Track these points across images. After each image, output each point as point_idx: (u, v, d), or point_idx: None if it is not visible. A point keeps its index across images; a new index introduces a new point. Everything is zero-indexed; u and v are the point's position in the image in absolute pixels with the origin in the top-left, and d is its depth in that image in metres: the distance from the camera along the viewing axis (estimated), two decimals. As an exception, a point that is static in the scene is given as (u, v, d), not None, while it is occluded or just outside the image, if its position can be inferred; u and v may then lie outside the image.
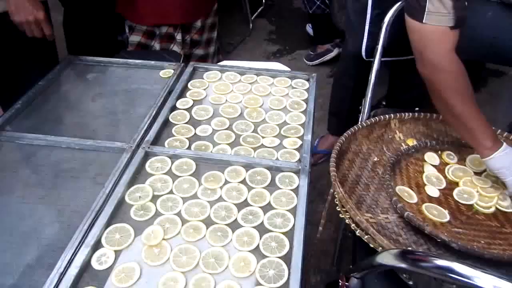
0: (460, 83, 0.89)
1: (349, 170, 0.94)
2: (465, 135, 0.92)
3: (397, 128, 1.06)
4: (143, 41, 1.75)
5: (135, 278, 0.72)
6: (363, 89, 1.76)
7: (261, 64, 1.38)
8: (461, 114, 0.89)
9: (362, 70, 1.66)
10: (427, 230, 0.75)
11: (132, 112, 1.14)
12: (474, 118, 0.88)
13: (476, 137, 0.88)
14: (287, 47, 2.68)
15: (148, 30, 1.69)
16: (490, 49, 1.12)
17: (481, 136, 0.88)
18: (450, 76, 0.89)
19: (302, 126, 1.07)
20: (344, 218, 0.78)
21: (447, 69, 0.89)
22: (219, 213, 0.84)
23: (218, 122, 1.09)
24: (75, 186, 0.91)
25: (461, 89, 0.89)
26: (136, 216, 0.83)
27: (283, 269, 0.73)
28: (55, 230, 0.81)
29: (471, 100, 0.89)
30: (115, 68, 1.33)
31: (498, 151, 0.87)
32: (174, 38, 1.72)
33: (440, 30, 0.88)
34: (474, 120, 0.88)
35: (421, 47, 0.91)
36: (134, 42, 1.76)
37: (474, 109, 0.89)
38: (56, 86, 1.24)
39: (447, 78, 0.89)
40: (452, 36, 0.89)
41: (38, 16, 1.12)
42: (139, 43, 1.74)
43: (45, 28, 1.16)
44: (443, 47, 0.89)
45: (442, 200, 0.92)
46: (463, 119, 0.89)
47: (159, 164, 0.95)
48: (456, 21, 0.88)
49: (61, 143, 1.01)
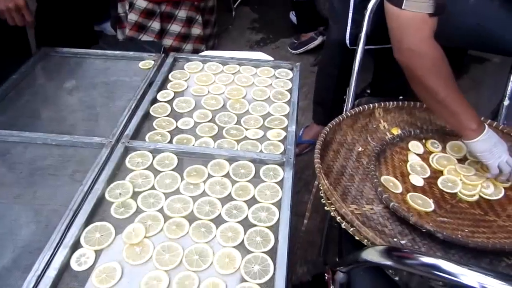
0: (440, 68, 0.88)
1: (334, 161, 0.93)
2: (449, 119, 0.92)
3: (382, 117, 1.05)
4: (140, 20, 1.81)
5: (116, 278, 0.69)
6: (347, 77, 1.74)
7: (244, 54, 1.35)
8: (444, 99, 0.88)
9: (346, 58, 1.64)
10: (412, 221, 0.75)
11: (111, 105, 1.10)
12: (457, 102, 0.88)
13: (460, 121, 0.89)
14: (271, 35, 2.64)
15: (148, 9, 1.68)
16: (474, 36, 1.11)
17: (465, 119, 0.88)
18: (429, 61, 0.88)
19: (286, 117, 1.05)
20: (330, 210, 0.77)
21: (426, 55, 0.88)
22: (203, 208, 0.82)
23: (201, 114, 1.06)
24: (52, 184, 0.87)
25: (442, 73, 0.89)
26: (116, 214, 0.80)
27: (268, 264, 0.72)
28: (32, 230, 0.78)
29: (453, 84, 0.89)
30: (93, 60, 1.28)
31: (482, 134, 0.87)
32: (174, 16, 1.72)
33: (419, 17, 0.88)
34: (457, 104, 0.88)
35: (399, 33, 0.91)
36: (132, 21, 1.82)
37: (456, 93, 0.89)
38: (31, 80, 1.19)
39: (427, 63, 0.88)
40: (431, 23, 0.89)
41: (18, 2, 1.09)
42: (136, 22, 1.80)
43: (26, 15, 1.12)
44: (422, 34, 0.88)
45: (427, 189, 0.92)
46: (446, 103, 0.88)
47: (139, 159, 0.92)
48: (435, 8, 0.87)
49: (37, 139, 0.97)
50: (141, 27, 1.95)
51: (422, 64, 0.88)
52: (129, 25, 1.94)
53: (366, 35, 1.11)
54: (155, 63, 1.24)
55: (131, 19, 1.94)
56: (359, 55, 1.13)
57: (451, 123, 0.93)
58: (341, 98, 1.79)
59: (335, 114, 1.01)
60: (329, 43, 1.72)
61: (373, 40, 1.22)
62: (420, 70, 0.89)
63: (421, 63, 0.89)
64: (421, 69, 0.89)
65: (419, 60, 0.89)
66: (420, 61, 0.89)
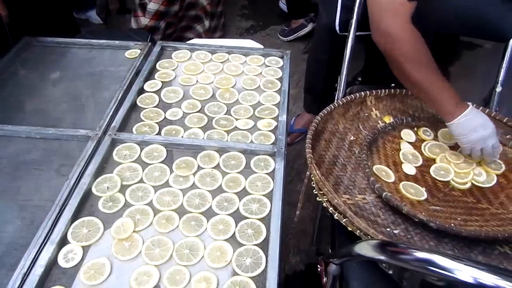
0: (417, 51, 0.89)
1: (325, 150, 0.92)
2: (428, 102, 0.92)
3: (373, 105, 1.04)
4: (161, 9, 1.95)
5: (105, 275, 0.68)
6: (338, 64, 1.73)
7: (233, 42, 1.33)
8: (421, 81, 0.88)
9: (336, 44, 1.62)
10: (404, 210, 0.74)
11: (97, 96, 1.07)
12: (435, 84, 0.88)
13: (438, 103, 0.89)
14: (261, 22, 2.60)
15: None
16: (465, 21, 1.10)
17: (442, 101, 0.88)
18: (406, 45, 0.89)
19: (277, 106, 1.03)
20: (322, 201, 0.76)
21: (403, 39, 0.89)
22: (193, 201, 0.80)
23: (189, 104, 1.04)
24: (37, 179, 0.85)
25: (419, 57, 0.89)
26: (104, 209, 0.78)
27: (260, 256, 0.70)
28: (17, 227, 0.76)
29: (431, 67, 0.89)
30: (77, 50, 1.24)
31: (460, 117, 0.87)
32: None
33: (397, 1, 0.88)
34: (434, 86, 0.88)
35: (378, 17, 0.91)
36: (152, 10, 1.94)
37: (434, 75, 0.88)
38: (13, 71, 1.15)
39: (404, 47, 0.89)
40: (409, 8, 0.89)
41: None
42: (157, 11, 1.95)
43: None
44: (400, 18, 0.89)
45: (419, 178, 0.91)
46: (423, 86, 0.89)
47: (127, 152, 0.90)
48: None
49: (21, 132, 0.94)
50: (162, 15, 2.00)
51: (399, 47, 0.89)
52: (148, 14, 1.98)
53: (357, 21, 1.09)
54: (142, 52, 1.21)
55: (151, 8, 1.97)
56: (350, 41, 1.11)
57: (430, 105, 0.94)
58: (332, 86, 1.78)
59: (326, 103, 0.99)
60: (319, 30, 1.69)
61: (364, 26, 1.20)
62: (397, 53, 0.89)
63: (398, 46, 0.89)
64: (398, 52, 0.89)
65: (396, 44, 0.89)
66: (397, 44, 0.89)
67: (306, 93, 1.79)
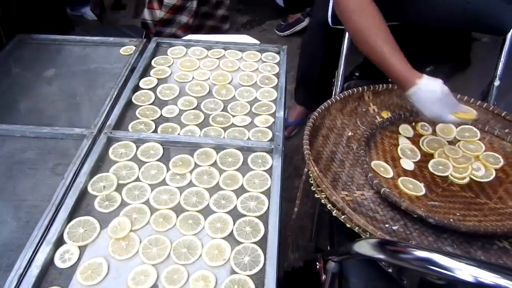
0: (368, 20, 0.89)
1: (323, 146, 0.91)
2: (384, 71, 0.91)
3: (371, 100, 1.03)
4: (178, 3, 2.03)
5: (102, 275, 0.67)
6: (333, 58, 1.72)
7: (229, 37, 1.31)
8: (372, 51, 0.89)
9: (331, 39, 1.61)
10: (403, 206, 0.74)
11: (92, 94, 1.06)
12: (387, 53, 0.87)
13: (391, 72, 0.88)
14: (257, 17, 2.58)
15: None
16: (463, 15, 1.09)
17: (393, 68, 0.87)
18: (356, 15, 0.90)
19: (274, 102, 1.02)
20: (320, 198, 0.76)
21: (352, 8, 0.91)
22: (190, 199, 0.79)
23: (185, 101, 1.03)
24: (32, 179, 0.84)
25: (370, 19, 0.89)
26: (100, 208, 0.77)
27: (259, 254, 0.70)
28: (12, 227, 0.75)
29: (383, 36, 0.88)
30: (72, 47, 1.23)
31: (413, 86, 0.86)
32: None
33: None
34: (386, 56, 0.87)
35: None
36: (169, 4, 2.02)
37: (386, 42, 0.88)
38: (6, 68, 1.14)
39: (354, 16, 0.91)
40: None
41: None
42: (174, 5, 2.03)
43: None
44: None
45: (417, 173, 0.91)
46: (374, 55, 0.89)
47: (123, 150, 0.89)
48: None
49: (15, 131, 0.93)
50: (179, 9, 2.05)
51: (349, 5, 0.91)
52: (165, 7, 2.03)
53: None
54: (137, 48, 1.20)
55: (168, 2, 2.02)
56: (347, 36, 1.10)
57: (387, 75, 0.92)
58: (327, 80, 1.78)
59: (321, 97, 0.99)
60: (314, 24, 1.68)
61: None
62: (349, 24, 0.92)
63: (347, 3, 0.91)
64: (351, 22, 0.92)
65: (348, 14, 0.91)
66: (348, 14, 0.91)
67: (298, 86, 1.79)
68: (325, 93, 1.83)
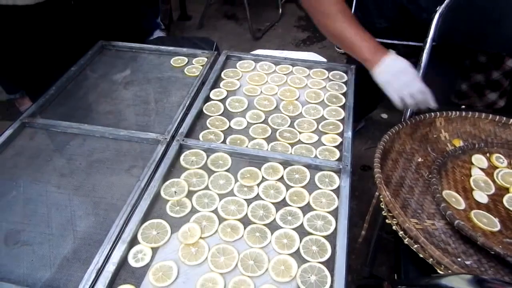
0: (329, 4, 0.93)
1: (392, 171, 0.89)
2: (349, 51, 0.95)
3: (443, 127, 1.00)
4: None
5: (172, 278, 0.70)
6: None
7: (297, 54, 1.33)
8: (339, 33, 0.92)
9: None
10: (480, 242, 0.71)
11: (165, 101, 1.11)
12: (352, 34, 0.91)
13: (357, 51, 0.91)
14: (317, 34, 2.60)
15: None
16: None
17: (361, 49, 0.90)
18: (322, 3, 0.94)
19: (341, 122, 1.02)
20: (391, 223, 0.74)
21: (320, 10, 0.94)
22: (257, 212, 0.81)
23: (253, 115, 1.05)
24: (110, 178, 0.89)
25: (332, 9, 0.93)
26: (172, 212, 0.81)
27: (325, 275, 0.70)
28: (91, 223, 0.80)
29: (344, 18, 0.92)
30: (147, 55, 1.30)
31: (377, 65, 0.88)
32: None
33: None
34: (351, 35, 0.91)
35: None
36: None
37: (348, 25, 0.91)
38: (88, 72, 1.22)
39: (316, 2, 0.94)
40: None
41: None
42: None
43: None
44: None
45: (491, 207, 0.87)
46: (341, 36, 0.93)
47: (194, 158, 0.92)
48: None
49: (95, 132, 0.99)
50: None
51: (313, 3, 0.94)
52: None
53: (434, 34, 1.07)
54: (208, 60, 1.24)
55: None
56: (425, 55, 1.07)
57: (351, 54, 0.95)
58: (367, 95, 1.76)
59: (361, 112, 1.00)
60: None
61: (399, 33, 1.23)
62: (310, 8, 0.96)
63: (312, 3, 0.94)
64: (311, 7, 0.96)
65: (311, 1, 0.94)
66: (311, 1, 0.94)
67: None
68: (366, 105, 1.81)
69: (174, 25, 2.54)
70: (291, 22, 2.71)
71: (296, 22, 2.71)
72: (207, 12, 2.68)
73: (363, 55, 0.90)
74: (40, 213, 0.81)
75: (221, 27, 2.68)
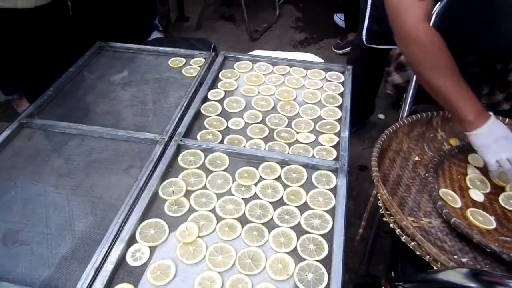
0: (435, 54, 0.84)
1: (390, 169, 0.90)
2: (448, 108, 0.88)
3: (439, 126, 1.01)
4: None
5: (170, 276, 0.70)
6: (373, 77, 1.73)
7: (294, 55, 1.34)
8: (439, 88, 0.84)
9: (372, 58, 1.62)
10: (475, 239, 0.71)
11: (163, 101, 1.12)
12: (454, 91, 0.84)
13: (457, 111, 0.84)
14: (315, 35, 2.61)
15: None
16: None
17: (461, 109, 0.83)
18: (421, 48, 0.85)
19: (338, 122, 1.03)
20: (389, 221, 0.75)
21: (418, 41, 0.84)
22: (254, 211, 0.81)
23: (251, 115, 1.06)
24: (108, 178, 0.89)
25: (437, 60, 0.84)
26: (170, 212, 0.81)
27: (322, 273, 0.70)
28: (89, 222, 0.80)
29: (450, 72, 0.84)
30: (145, 56, 1.30)
31: (480, 127, 0.82)
32: None
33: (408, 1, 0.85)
34: (453, 93, 0.84)
35: (394, 17, 0.88)
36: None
37: (452, 81, 0.84)
38: (86, 73, 1.22)
39: (419, 51, 0.85)
40: (421, 6, 0.85)
41: None
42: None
43: None
44: (416, 17, 0.84)
45: (487, 205, 0.87)
46: (441, 92, 0.85)
47: (191, 158, 0.92)
48: None
49: (93, 132, 0.99)
50: None
51: (414, 51, 0.86)
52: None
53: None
54: (206, 61, 1.25)
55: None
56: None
57: (450, 113, 0.89)
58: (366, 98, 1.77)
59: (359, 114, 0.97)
60: (355, 42, 1.70)
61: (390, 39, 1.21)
62: (413, 58, 0.87)
63: (413, 50, 0.86)
64: (414, 57, 0.86)
65: (412, 47, 0.86)
66: (412, 48, 0.86)
67: None
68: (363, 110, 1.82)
69: (171, 26, 2.55)
70: (288, 23, 2.72)
71: (294, 23, 2.72)
72: (205, 14, 2.69)
73: (466, 116, 0.83)
74: (39, 213, 0.82)
75: (219, 28, 2.69)
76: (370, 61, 1.63)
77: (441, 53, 0.84)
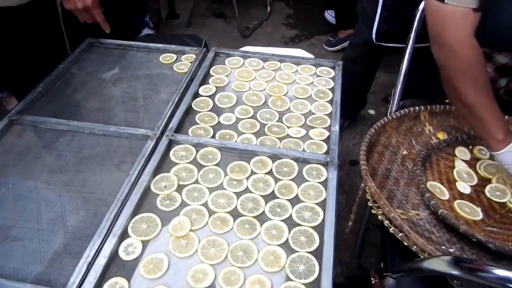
0: (474, 70, 0.84)
1: (378, 163, 0.92)
2: (476, 125, 0.88)
3: (427, 120, 1.03)
4: None
5: (163, 270, 0.71)
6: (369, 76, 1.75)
7: (284, 51, 1.35)
8: (473, 104, 0.84)
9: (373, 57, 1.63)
10: (461, 229, 0.73)
11: (154, 97, 1.12)
12: (486, 109, 0.84)
13: (487, 129, 0.84)
14: (306, 32, 2.62)
15: None
16: None
17: (492, 128, 0.84)
18: (464, 62, 0.84)
19: (329, 116, 1.04)
20: (377, 214, 0.76)
21: (462, 55, 0.83)
22: (246, 205, 0.82)
23: (242, 110, 1.07)
24: (100, 173, 0.89)
25: (475, 76, 0.84)
26: (162, 206, 0.81)
27: (314, 264, 0.71)
28: (81, 217, 0.80)
29: (485, 90, 0.84)
30: (136, 52, 1.30)
31: (508, 146, 0.83)
32: None
33: (460, 11, 0.83)
34: (486, 111, 0.84)
35: (438, 29, 0.86)
36: None
37: (487, 99, 0.84)
38: (77, 70, 1.22)
39: (462, 65, 0.84)
40: (473, 19, 0.83)
41: (86, 3, 1.13)
42: None
43: (96, 15, 1.17)
44: (462, 30, 0.83)
45: (474, 197, 0.89)
46: (474, 108, 0.84)
47: (183, 153, 0.93)
48: (480, 3, 0.82)
49: (84, 128, 0.99)
50: None
51: (457, 63, 0.84)
52: None
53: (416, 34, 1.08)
54: (197, 57, 1.25)
55: None
56: (407, 55, 1.10)
57: (477, 129, 0.89)
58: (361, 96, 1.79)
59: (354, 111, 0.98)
60: (356, 41, 1.71)
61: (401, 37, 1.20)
62: (453, 71, 0.85)
63: (455, 61, 0.84)
64: (455, 70, 0.85)
65: (454, 59, 0.84)
66: (455, 59, 0.84)
67: None
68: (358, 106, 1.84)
69: (162, 23, 2.54)
70: (279, 20, 2.73)
71: (285, 20, 2.73)
72: (196, 11, 2.68)
73: (496, 135, 0.83)
74: (30, 209, 0.82)
75: (210, 25, 2.69)
76: (372, 58, 1.65)
77: (482, 70, 0.84)
